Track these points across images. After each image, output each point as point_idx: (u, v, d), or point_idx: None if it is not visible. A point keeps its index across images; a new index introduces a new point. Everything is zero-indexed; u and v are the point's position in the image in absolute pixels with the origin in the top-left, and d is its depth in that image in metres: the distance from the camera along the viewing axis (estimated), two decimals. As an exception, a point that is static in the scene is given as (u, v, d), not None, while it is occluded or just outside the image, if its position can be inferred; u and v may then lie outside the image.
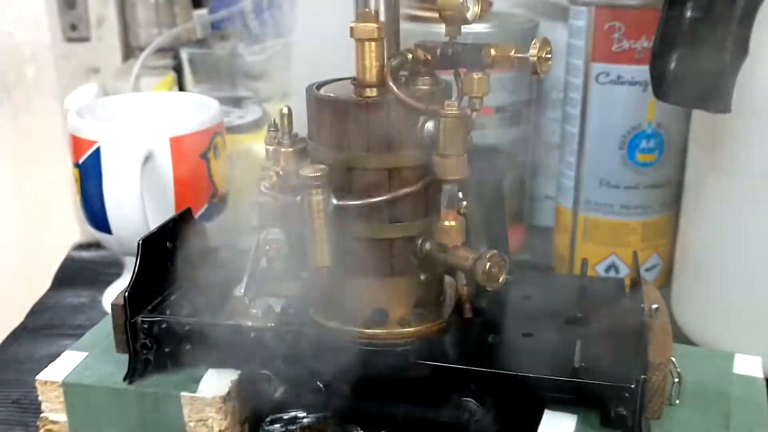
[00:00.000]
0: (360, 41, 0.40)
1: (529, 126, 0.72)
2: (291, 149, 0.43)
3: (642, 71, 0.59)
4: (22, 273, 0.94)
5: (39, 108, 0.97)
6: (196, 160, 0.59)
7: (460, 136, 0.38)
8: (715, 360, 0.47)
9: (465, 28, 0.41)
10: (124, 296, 0.44)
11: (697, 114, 0.57)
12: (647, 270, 0.67)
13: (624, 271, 0.66)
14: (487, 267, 0.39)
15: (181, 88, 0.85)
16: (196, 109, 0.63)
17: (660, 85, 0.49)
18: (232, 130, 0.72)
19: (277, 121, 0.44)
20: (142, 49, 0.84)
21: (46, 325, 0.64)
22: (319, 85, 0.43)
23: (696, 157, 0.58)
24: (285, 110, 0.43)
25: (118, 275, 0.67)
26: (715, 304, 0.55)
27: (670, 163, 0.64)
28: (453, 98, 0.40)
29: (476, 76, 0.39)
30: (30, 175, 0.98)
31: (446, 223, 0.40)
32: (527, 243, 0.76)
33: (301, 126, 0.44)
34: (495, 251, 0.39)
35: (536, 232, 0.78)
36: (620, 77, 0.61)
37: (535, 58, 0.38)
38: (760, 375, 0.45)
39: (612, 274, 0.66)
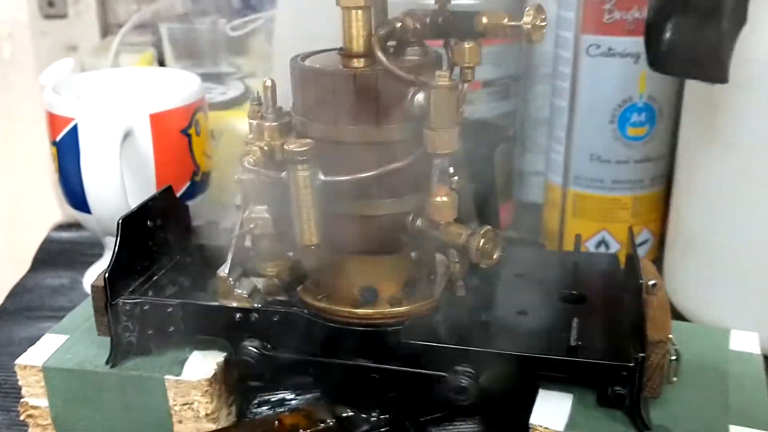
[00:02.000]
0: (346, 9, 0.38)
1: (518, 101, 0.70)
2: (275, 123, 0.41)
3: (633, 43, 0.58)
4: (1, 254, 0.92)
5: (16, 86, 0.95)
6: (177, 137, 0.58)
7: (452, 108, 0.37)
8: (711, 336, 0.47)
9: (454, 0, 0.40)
10: (104, 277, 0.43)
11: (690, 85, 0.56)
12: (638, 245, 0.66)
13: (614, 247, 0.65)
14: (481, 243, 0.37)
15: (162, 64, 0.84)
16: (176, 85, 0.61)
17: (655, 55, 0.47)
18: (214, 106, 0.70)
19: (261, 94, 0.42)
20: (120, 26, 0.82)
21: (26, 307, 0.62)
22: (304, 56, 0.41)
23: (689, 130, 0.57)
24: (268, 83, 0.41)
25: (100, 256, 0.66)
26: (709, 279, 0.55)
27: (661, 137, 0.63)
28: (443, 69, 0.38)
29: (467, 45, 0.37)
30: (9, 154, 0.96)
31: (438, 198, 0.39)
32: (515, 219, 0.75)
33: (282, 100, 0.42)
34: (489, 227, 0.38)
35: (524, 208, 0.77)
36: (611, 49, 0.60)
37: (529, 26, 0.36)
38: (758, 351, 0.45)
39: (602, 250, 0.65)
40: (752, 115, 0.49)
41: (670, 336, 0.39)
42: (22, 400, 0.44)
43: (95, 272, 0.63)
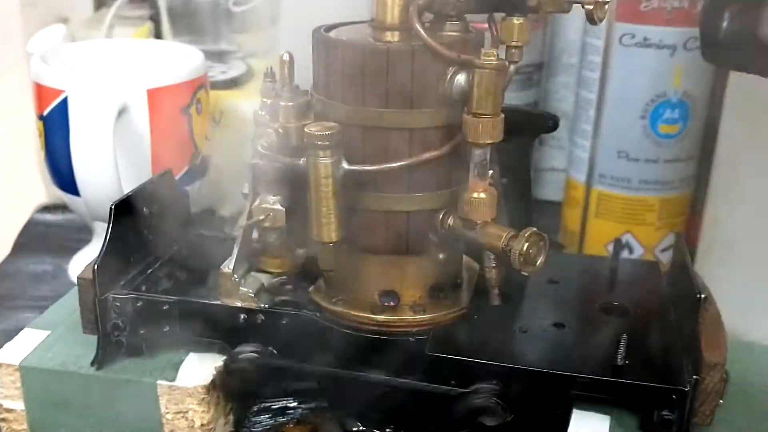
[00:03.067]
0: (381, -25, 0.35)
1: (540, 91, 0.67)
2: (291, 103, 0.39)
3: (671, 33, 0.55)
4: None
5: (3, 58, 0.92)
6: (177, 116, 0.55)
7: (498, 92, 0.33)
8: (754, 353, 0.44)
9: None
10: (93, 269, 0.40)
11: (734, 81, 0.52)
12: (662, 251, 0.63)
13: (638, 251, 0.62)
14: (525, 248, 0.34)
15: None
16: (177, 59, 0.59)
17: (710, 46, 0.44)
18: (214, 86, 0.68)
19: (276, 69, 0.39)
20: (115, -3, 0.79)
21: (6, 295, 0.60)
22: (328, 28, 0.37)
23: (731, 129, 0.54)
24: (286, 57, 0.39)
25: (87, 241, 0.64)
26: (748, 290, 0.52)
27: (693, 136, 0.60)
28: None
29: (517, 21, 0.34)
30: (-10, 129, 0.93)
31: (474, 195, 0.36)
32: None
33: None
34: (533, 229, 0.34)
35: (539, 206, 0.73)
36: (647, 39, 0.57)
37: (592, 6, 0.32)
38: (808, 370, 0.42)
39: (625, 253, 0.62)
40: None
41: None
42: (-5, 402, 0.42)
43: (82, 259, 0.62)
